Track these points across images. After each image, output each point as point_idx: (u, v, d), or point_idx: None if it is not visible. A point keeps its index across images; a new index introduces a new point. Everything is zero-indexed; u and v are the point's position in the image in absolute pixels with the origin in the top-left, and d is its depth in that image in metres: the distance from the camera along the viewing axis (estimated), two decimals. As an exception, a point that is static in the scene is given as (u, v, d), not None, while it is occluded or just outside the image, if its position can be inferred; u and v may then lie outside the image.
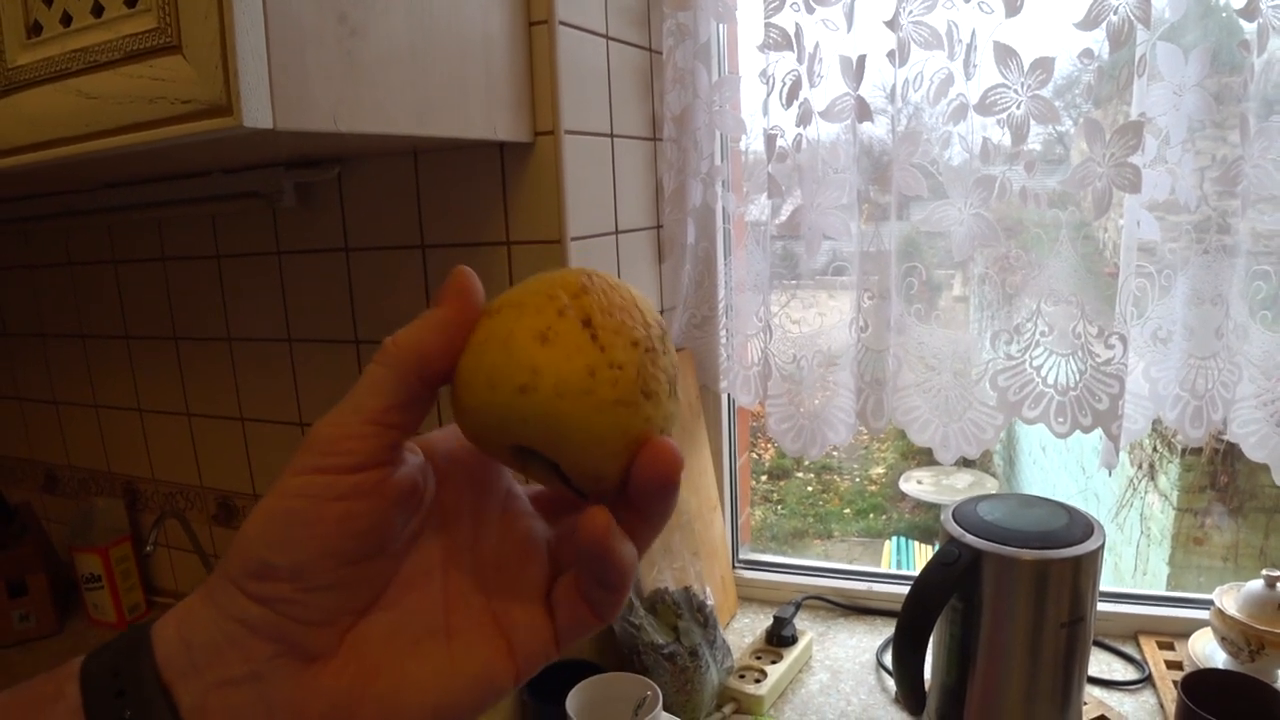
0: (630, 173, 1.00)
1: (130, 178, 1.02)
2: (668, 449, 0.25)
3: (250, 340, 1.08)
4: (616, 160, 0.96)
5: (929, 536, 4.68)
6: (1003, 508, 0.82)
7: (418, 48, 0.66)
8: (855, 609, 1.16)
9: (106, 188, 1.08)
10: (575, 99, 0.85)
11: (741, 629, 1.14)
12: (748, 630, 1.13)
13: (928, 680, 0.83)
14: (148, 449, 1.24)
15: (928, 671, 0.82)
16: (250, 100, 0.51)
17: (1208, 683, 0.77)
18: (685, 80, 1.01)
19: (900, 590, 1.12)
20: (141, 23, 0.52)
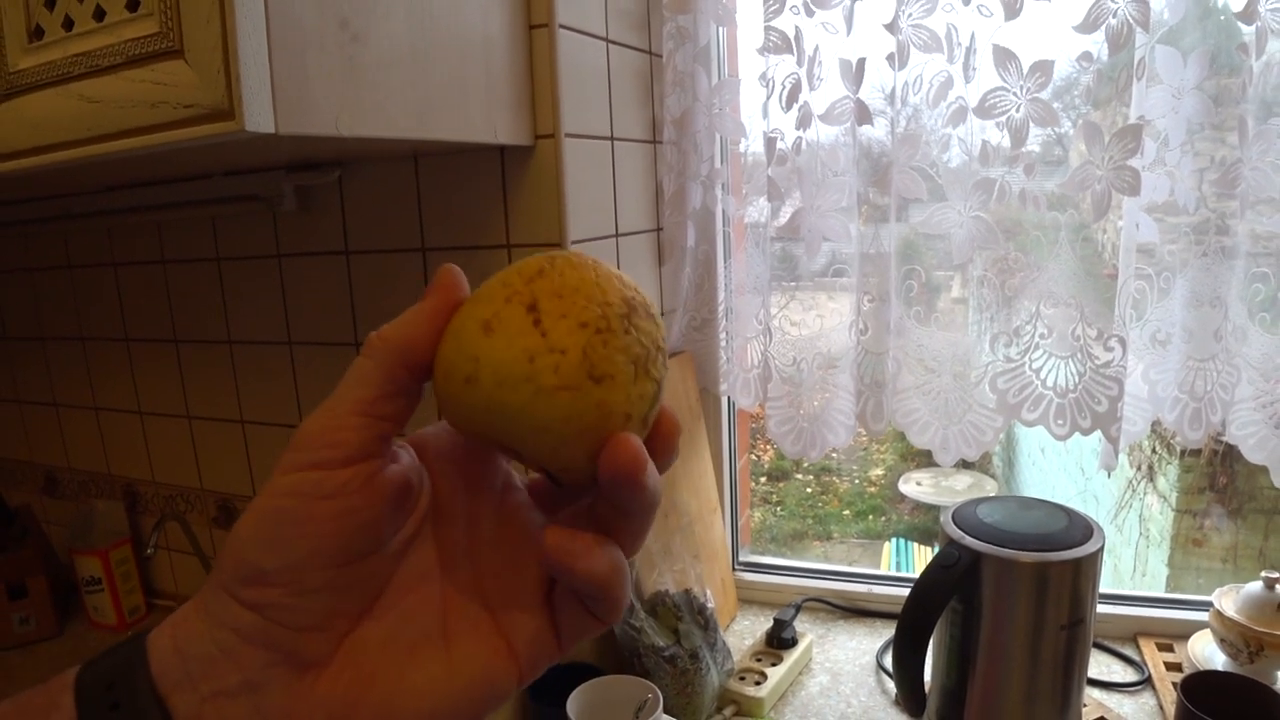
0: (630, 175, 1.00)
1: (131, 181, 1.02)
2: (627, 445, 0.24)
3: (250, 343, 1.08)
4: (617, 163, 0.96)
5: (928, 538, 4.68)
6: (1002, 510, 0.82)
7: (418, 51, 0.66)
8: (855, 611, 1.16)
9: (107, 191, 1.08)
10: (575, 102, 0.86)
11: (742, 631, 1.14)
12: (748, 632, 1.13)
13: (928, 682, 0.83)
14: (148, 451, 1.24)
15: (928, 673, 0.82)
16: (252, 104, 0.51)
17: (1207, 684, 0.77)
18: (685, 83, 1.02)
19: (900, 592, 1.12)
20: (143, 27, 0.52)
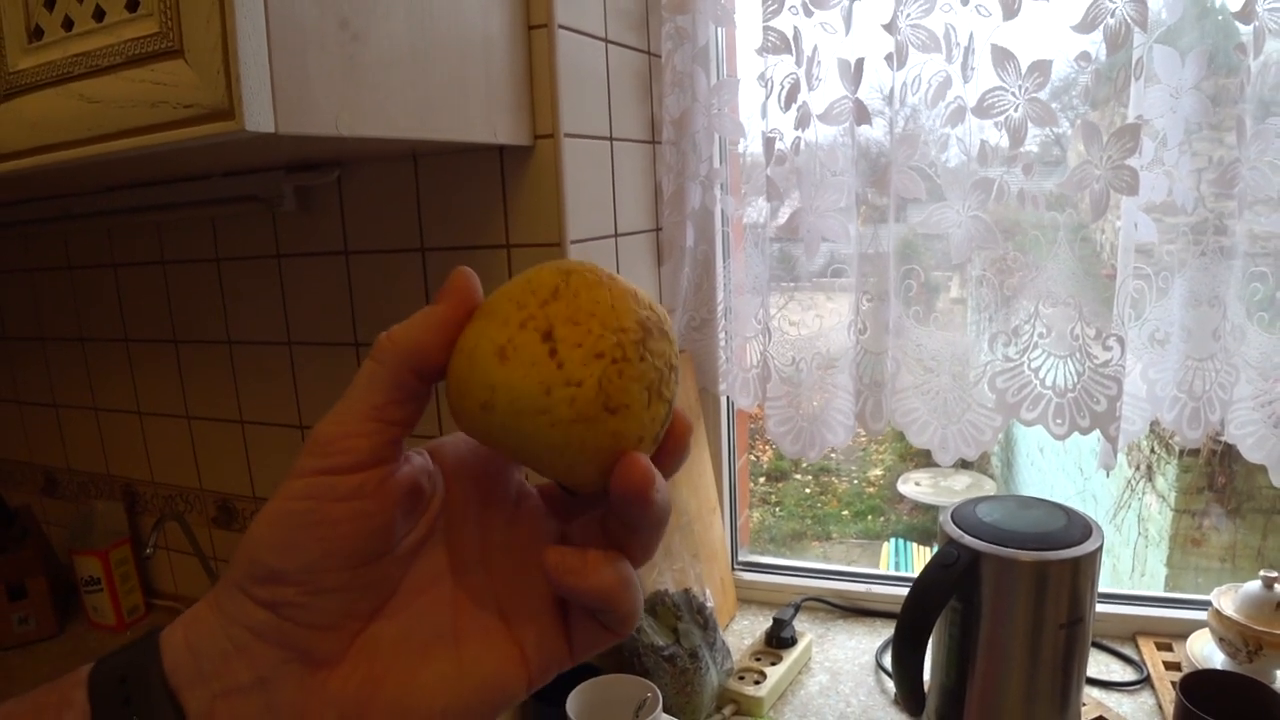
0: (629, 176, 1.00)
1: (130, 182, 1.02)
2: (638, 467, 0.25)
3: (250, 343, 1.08)
4: (616, 163, 0.96)
5: (927, 538, 4.68)
6: (1001, 509, 0.82)
7: (418, 51, 0.67)
8: (854, 610, 1.16)
9: (106, 191, 1.09)
10: (575, 102, 0.86)
11: (741, 631, 1.14)
12: (747, 632, 1.13)
13: (927, 681, 0.83)
14: (147, 452, 1.24)
15: (927, 672, 0.82)
16: (252, 104, 0.51)
17: (1206, 683, 0.77)
18: (684, 83, 1.02)
19: (899, 592, 1.12)
20: (143, 27, 0.52)
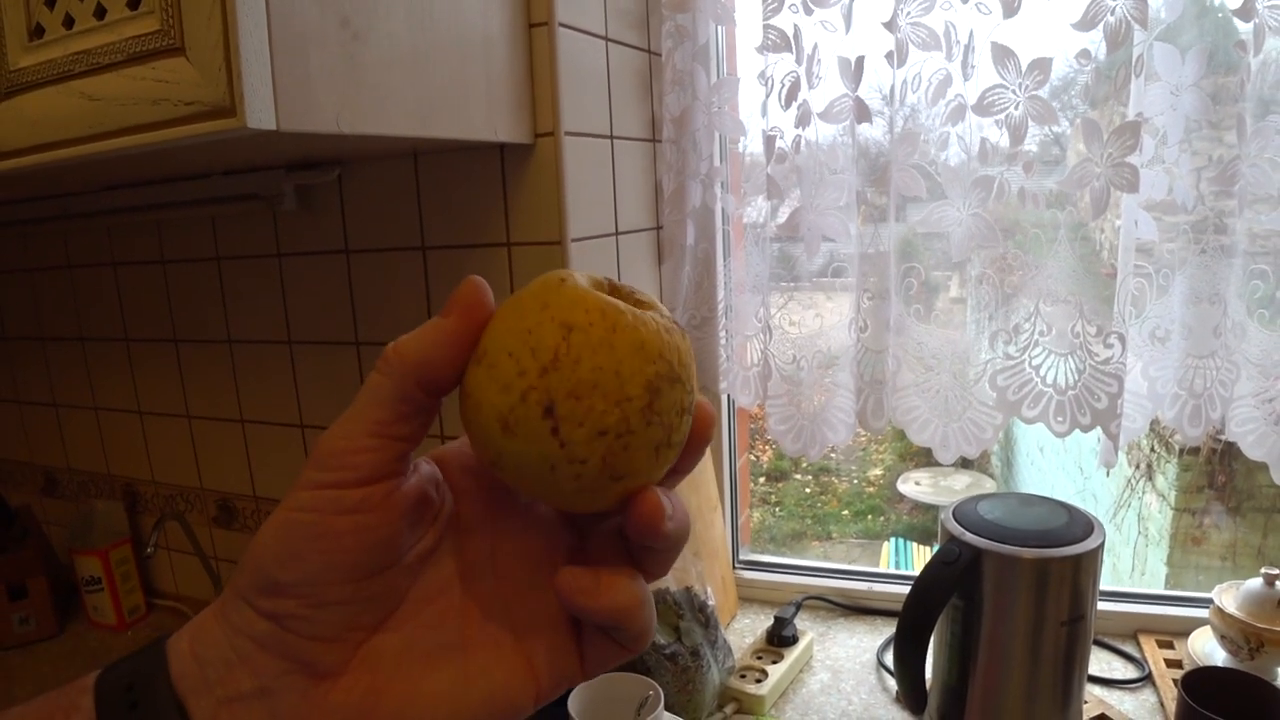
0: (630, 174, 1.00)
1: (131, 180, 1.02)
2: (648, 504, 0.25)
3: (250, 342, 1.08)
4: (616, 162, 0.96)
5: (927, 538, 4.68)
6: (1003, 507, 0.82)
7: (419, 50, 0.67)
8: (856, 609, 1.16)
9: (107, 190, 1.08)
10: (575, 100, 0.86)
11: (742, 629, 1.14)
12: (748, 630, 1.13)
13: (929, 679, 0.83)
14: (148, 451, 1.24)
15: (929, 670, 0.82)
16: (254, 102, 0.51)
17: (1208, 681, 0.77)
18: (684, 82, 1.02)
19: (900, 590, 1.12)
20: (144, 25, 0.52)
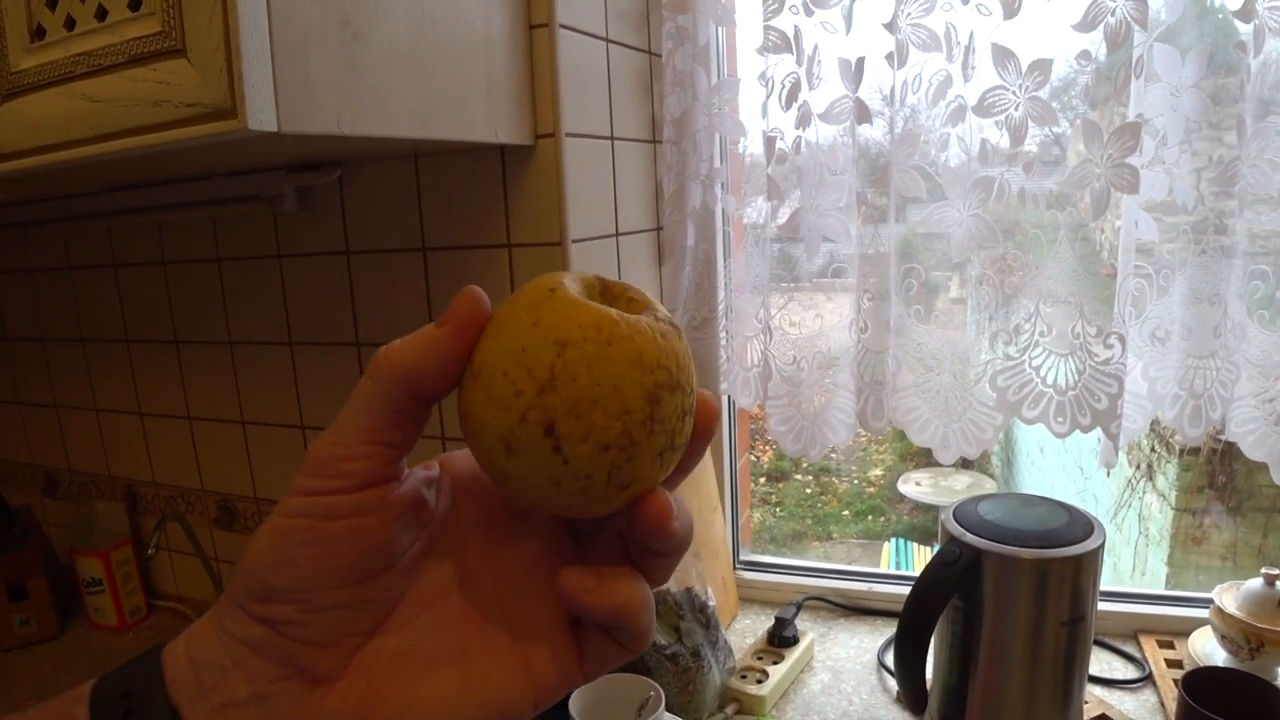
0: (630, 175, 1.00)
1: (132, 182, 1.03)
2: (654, 505, 0.25)
3: (251, 343, 1.08)
4: (617, 163, 0.96)
5: (927, 538, 4.68)
6: (1003, 507, 0.82)
7: (419, 51, 0.67)
8: (856, 609, 1.16)
9: (107, 192, 1.09)
10: (575, 101, 0.86)
11: (743, 630, 1.14)
12: (749, 631, 1.13)
13: (929, 679, 0.83)
14: (148, 452, 1.24)
15: (929, 671, 0.82)
16: (255, 103, 0.51)
17: (1208, 681, 0.77)
18: (684, 83, 1.02)
19: (901, 590, 1.12)
20: (145, 26, 0.53)
